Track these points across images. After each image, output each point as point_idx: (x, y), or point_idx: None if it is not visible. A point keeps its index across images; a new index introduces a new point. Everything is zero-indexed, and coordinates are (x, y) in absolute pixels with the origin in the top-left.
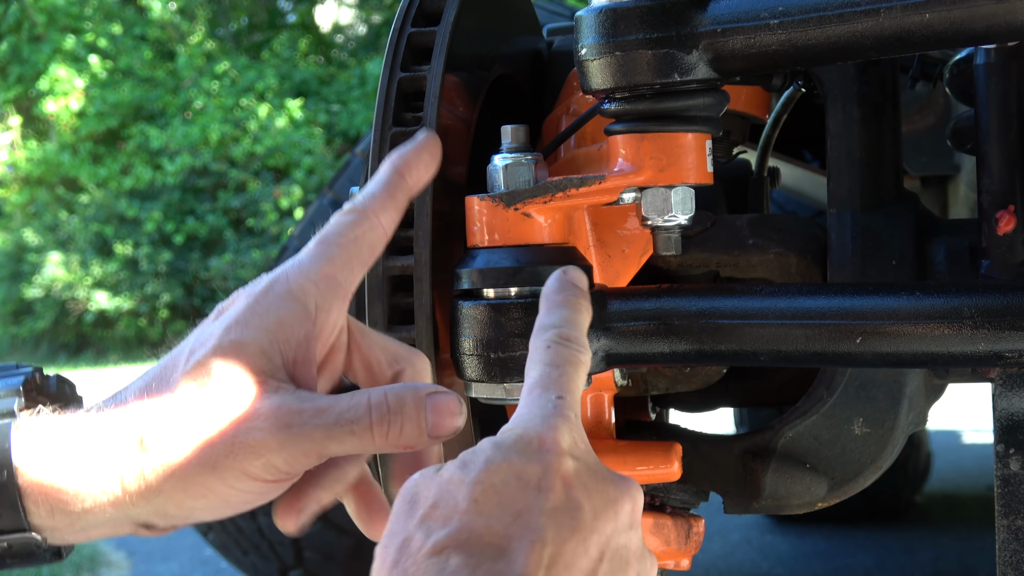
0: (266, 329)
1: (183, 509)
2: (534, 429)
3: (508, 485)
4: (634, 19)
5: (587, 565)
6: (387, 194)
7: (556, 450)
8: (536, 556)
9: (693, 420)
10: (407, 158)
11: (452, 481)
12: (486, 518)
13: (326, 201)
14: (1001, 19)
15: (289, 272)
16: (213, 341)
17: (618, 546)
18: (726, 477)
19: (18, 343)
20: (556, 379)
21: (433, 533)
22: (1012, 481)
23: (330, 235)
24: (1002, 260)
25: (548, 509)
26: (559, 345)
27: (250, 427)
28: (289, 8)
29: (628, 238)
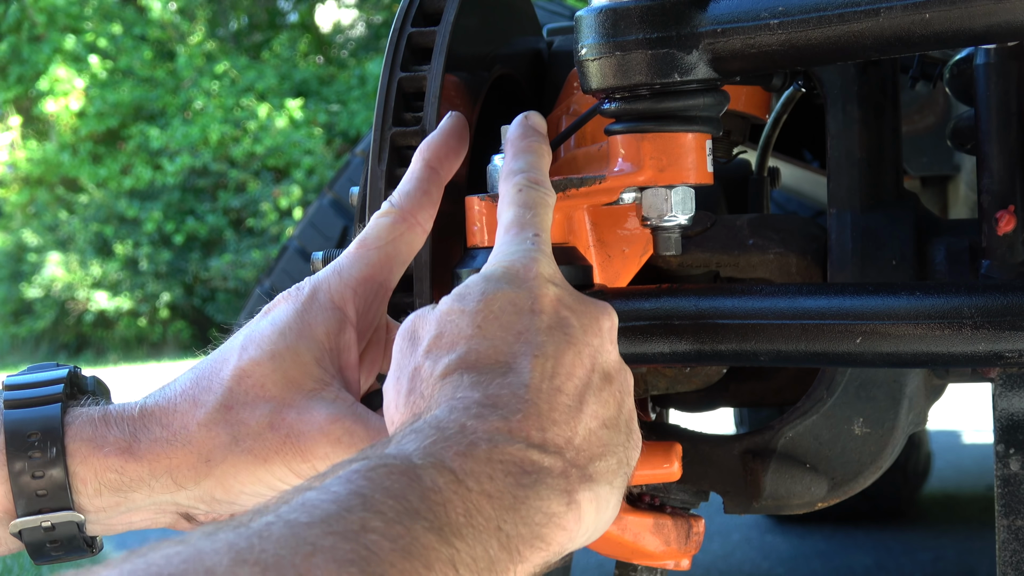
0: (315, 339)
1: (230, 494)
2: (519, 262)
3: (504, 311)
4: (634, 19)
5: (583, 373)
6: (421, 191)
7: (540, 278)
8: (540, 367)
9: (693, 420)
10: (436, 149)
11: (452, 312)
12: (490, 340)
13: (326, 201)
14: (1001, 19)
15: (330, 279)
16: (268, 345)
17: (603, 358)
18: (726, 477)
19: (18, 343)
20: (530, 220)
21: (441, 359)
22: (1012, 481)
23: (369, 239)
24: (1002, 260)
25: (544, 327)
26: (529, 188)
27: (305, 431)
28: (289, 8)
29: (628, 238)
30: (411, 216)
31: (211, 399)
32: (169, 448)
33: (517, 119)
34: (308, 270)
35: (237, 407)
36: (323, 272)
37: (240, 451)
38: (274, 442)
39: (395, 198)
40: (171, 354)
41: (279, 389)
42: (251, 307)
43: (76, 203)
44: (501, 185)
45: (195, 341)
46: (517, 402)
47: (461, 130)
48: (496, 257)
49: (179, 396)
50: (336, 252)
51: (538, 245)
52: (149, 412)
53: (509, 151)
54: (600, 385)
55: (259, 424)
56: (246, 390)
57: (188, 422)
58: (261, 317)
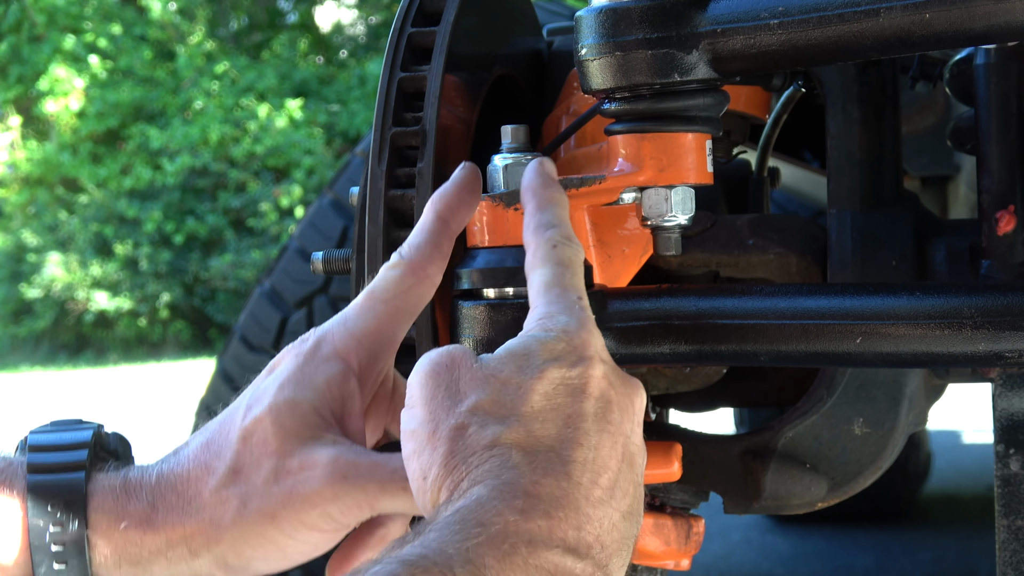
0: (315, 388)
1: (242, 559)
2: (576, 334)
3: (558, 392)
4: (634, 19)
5: (615, 464)
6: (432, 244)
7: (593, 356)
8: (582, 458)
9: (693, 420)
10: (449, 201)
11: (509, 381)
12: (541, 422)
13: (326, 201)
14: (1001, 19)
15: (335, 331)
16: (268, 399)
17: (631, 443)
18: (726, 477)
19: (18, 343)
20: (571, 281)
21: (489, 426)
22: (1012, 481)
23: (377, 291)
24: (1002, 260)
25: (590, 414)
26: (564, 245)
27: (307, 477)
28: (289, 8)
29: (628, 238)
30: (421, 269)
31: (221, 464)
32: (184, 517)
33: (532, 166)
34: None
35: (245, 468)
36: (329, 323)
37: (248, 513)
38: (280, 496)
39: (405, 250)
40: (171, 354)
41: (279, 442)
42: (251, 307)
43: (76, 203)
44: (530, 238)
45: (195, 341)
46: (560, 494)
47: (473, 181)
48: (545, 319)
49: (192, 462)
50: (336, 252)
51: (587, 311)
52: (165, 479)
53: (532, 201)
54: (626, 473)
55: (264, 481)
56: (251, 449)
57: (201, 489)
58: (266, 374)
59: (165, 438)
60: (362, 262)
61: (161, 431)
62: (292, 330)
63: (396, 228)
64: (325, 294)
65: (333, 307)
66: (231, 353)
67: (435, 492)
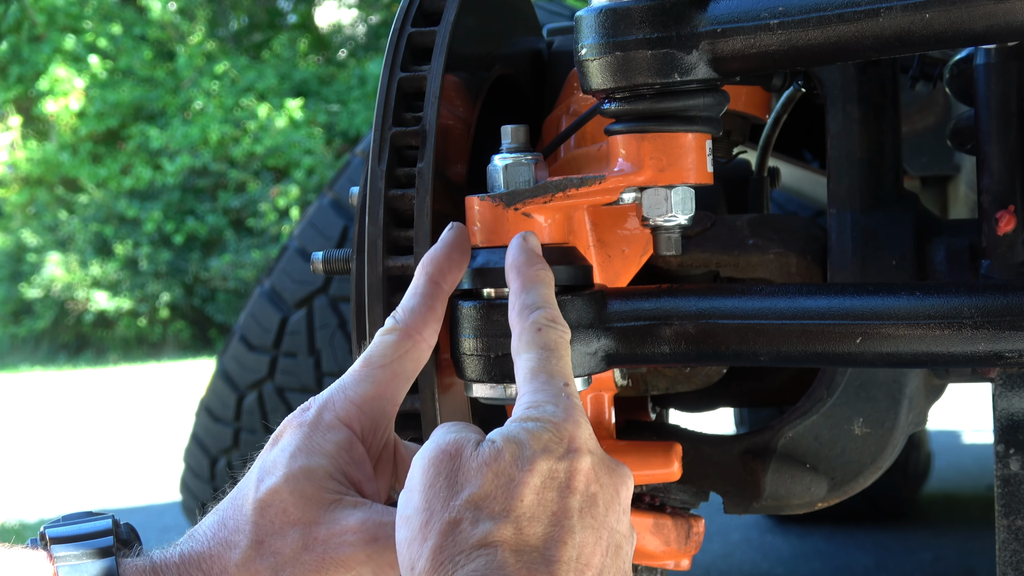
0: (327, 455)
1: None
2: (561, 423)
3: (546, 486)
4: (634, 19)
5: (598, 560)
6: (426, 307)
7: (580, 449)
8: (567, 557)
9: (693, 420)
10: (439, 264)
11: (503, 473)
12: (529, 519)
13: (326, 201)
14: (1001, 19)
15: (335, 399)
16: (282, 469)
17: (617, 533)
18: (726, 477)
19: (18, 343)
20: (556, 366)
21: (481, 523)
22: (1012, 481)
23: (373, 357)
24: (1002, 260)
25: (575, 509)
26: (549, 328)
27: (340, 542)
28: (289, 8)
29: (628, 238)
30: (416, 333)
31: (242, 538)
32: None
33: (516, 242)
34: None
35: (268, 539)
36: (327, 392)
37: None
38: (313, 563)
39: (399, 315)
40: (171, 354)
41: (301, 511)
42: (251, 307)
43: (76, 203)
44: (516, 319)
45: (195, 341)
46: None
47: (463, 242)
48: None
49: (211, 540)
50: (336, 252)
51: (574, 400)
52: (188, 559)
53: (517, 280)
54: (610, 565)
55: (293, 550)
56: (271, 520)
57: (226, 565)
58: (271, 447)
59: (165, 438)
60: (362, 262)
61: (161, 431)
62: (292, 330)
63: (396, 228)
64: (325, 294)
65: (333, 307)
66: (231, 353)
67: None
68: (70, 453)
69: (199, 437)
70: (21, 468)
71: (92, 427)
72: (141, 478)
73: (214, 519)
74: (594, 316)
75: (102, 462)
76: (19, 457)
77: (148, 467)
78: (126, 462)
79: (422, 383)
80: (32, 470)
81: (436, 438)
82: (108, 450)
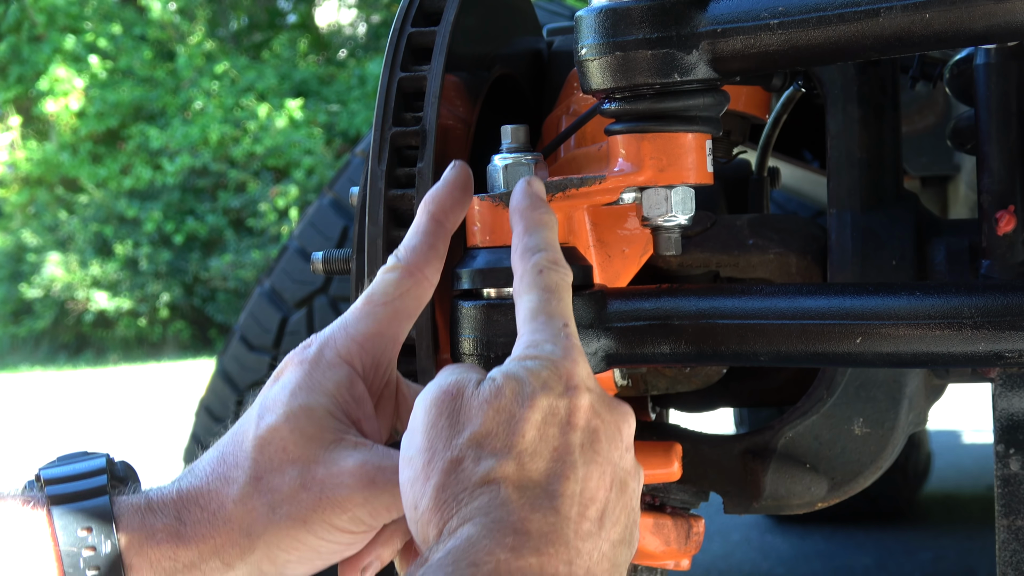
0: (327, 393)
1: (277, 564)
2: (563, 364)
3: (547, 422)
4: (634, 19)
5: (603, 495)
6: (428, 245)
7: (579, 386)
8: (570, 491)
9: (693, 420)
10: (441, 202)
11: (504, 410)
12: (531, 455)
13: (326, 201)
14: (1001, 19)
15: (336, 336)
16: (282, 407)
17: (620, 469)
18: (726, 477)
19: (18, 343)
20: (557, 307)
21: (483, 460)
22: (1012, 481)
23: (375, 294)
24: (1002, 260)
25: (577, 445)
26: (550, 270)
27: (336, 483)
28: (289, 8)
29: (628, 238)
30: (418, 271)
31: (240, 474)
32: (212, 529)
33: (520, 186)
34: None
35: (266, 476)
36: (329, 329)
37: (278, 518)
38: (310, 501)
39: (401, 252)
40: (171, 354)
41: (301, 449)
42: (251, 307)
43: (76, 203)
44: (517, 262)
45: (195, 341)
46: (548, 530)
47: (465, 180)
48: (530, 347)
49: (209, 476)
50: (336, 252)
51: (573, 339)
52: (186, 495)
53: (520, 224)
54: (615, 500)
55: (291, 488)
56: (270, 457)
57: (224, 500)
58: (272, 384)
59: (165, 438)
60: (362, 262)
61: (161, 431)
62: (292, 330)
63: (396, 228)
64: (325, 294)
65: (333, 307)
66: (231, 353)
67: (424, 524)
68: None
69: (199, 437)
70: (21, 468)
71: (92, 427)
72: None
73: (214, 454)
74: (594, 316)
75: None
76: (19, 457)
77: (148, 467)
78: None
79: (422, 382)
80: (32, 470)
81: (438, 379)
82: (108, 450)
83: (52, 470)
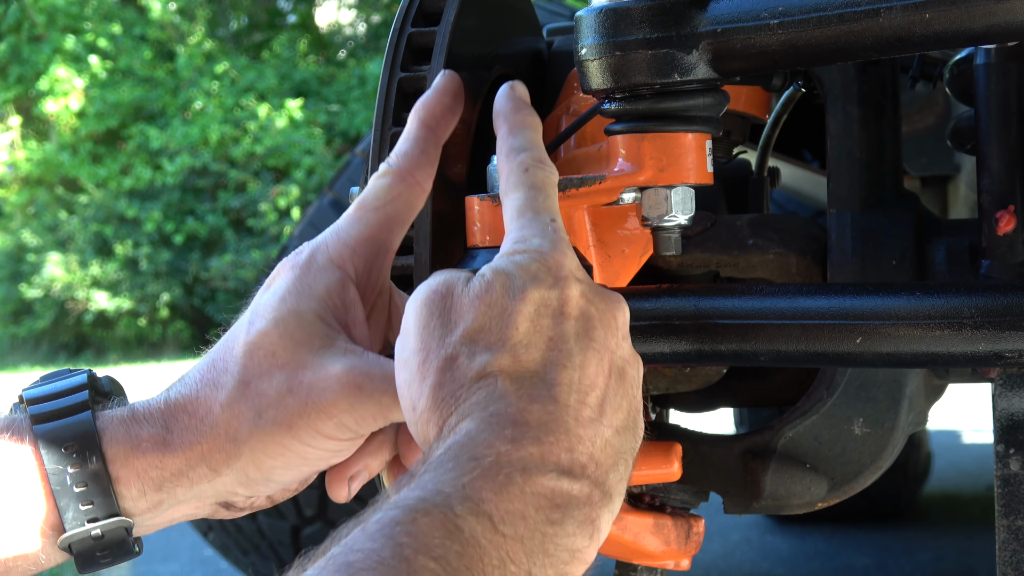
0: (317, 298)
1: (262, 470)
2: (550, 255)
3: (540, 313)
4: (634, 19)
5: (602, 381)
6: (419, 150)
7: (568, 277)
8: (567, 379)
9: (693, 420)
10: (432, 109)
11: (493, 304)
12: (525, 347)
13: (326, 201)
14: (1001, 19)
15: (328, 240)
16: (271, 312)
17: (618, 357)
18: (726, 477)
19: (18, 343)
20: (543, 203)
21: (478, 355)
22: (1012, 481)
23: (367, 199)
24: (1002, 260)
25: (572, 334)
26: (536, 168)
27: (322, 388)
28: (289, 8)
29: (628, 238)
30: (409, 176)
31: (228, 379)
32: (199, 435)
33: (503, 90)
34: None
35: (254, 381)
36: (321, 235)
37: (264, 423)
38: (295, 406)
39: (392, 158)
40: (171, 354)
41: (289, 354)
42: None
43: (76, 203)
44: (503, 162)
45: (195, 341)
46: (548, 419)
47: (456, 88)
48: (518, 243)
49: (199, 383)
50: None
51: (560, 232)
52: (174, 403)
53: (504, 126)
54: (615, 388)
55: (278, 392)
56: (259, 362)
57: (212, 406)
58: (264, 290)
59: None
60: None
61: None
62: None
63: None
64: None
65: None
66: None
67: (424, 424)
68: None
69: None
70: None
71: None
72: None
73: (205, 361)
74: None
75: None
76: None
77: None
78: None
79: None
80: None
81: (427, 282)
82: None
83: (34, 390)
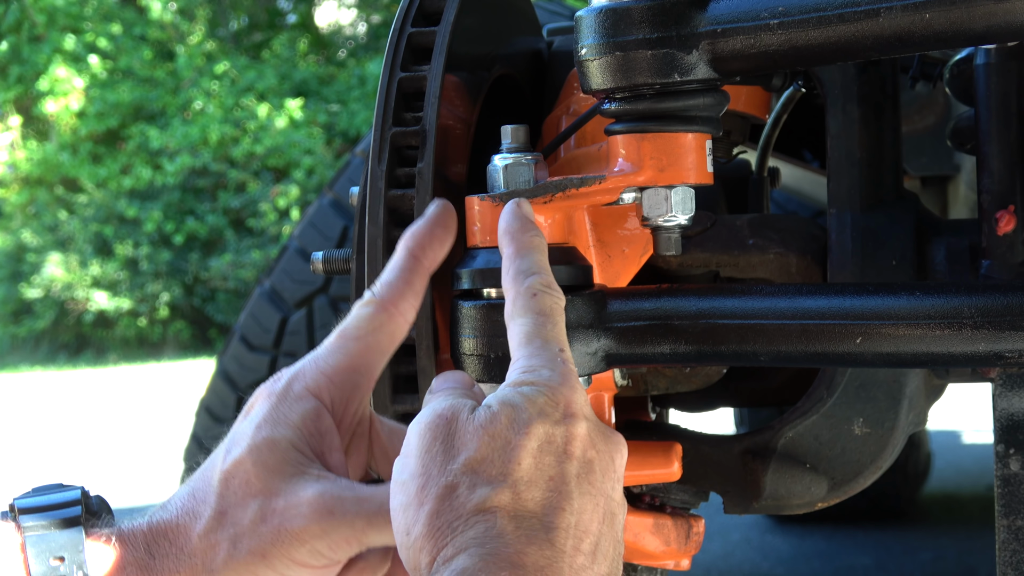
0: (292, 426)
1: None
2: (557, 388)
3: (543, 450)
4: (634, 19)
5: (596, 527)
6: (403, 281)
7: (576, 414)
8: (565, 523)
9: (693, 420)
10: (420, 239)
11: (499, 437)
12: (527, 484)
13: (326, 201)
14: (1001, 19)
15: (306, 369)
16: (247, 440)
17: (612, 502)
18: (726, 477)
19: (18, 343)
20: (552, 332)
21: (478, 488)
22: (1012, 481)
23: (348, 329)
24: (1002, 260)
25: (572, 475)
26: (544, 294)
27: (294, 514)
28: (289, 8)
29: (628, 238)
30: (392, 306)
31: (206, 509)
32: (177, 563)
33: (510, 207)
34: (308, 270)
35: (230, 510)
36: (301, 362)
37: (239, 553)
38: (269, 534)
39: (377, 288)
40: (171, 354)
41: (262, 482)
42: (251, 307)
43: (76, 203)
44: (510, 284)
45: (195, 341)
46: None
47: (447, 218)
48: (529, 373)
49: (180, 510)
50: (336, 252)
51: (569, 365)
52: (156, 528)
53: (511, 246)
54: (607, 533)
55: (252, 521)
56: (234, 491)
57: (190, 535)
58: (242, 418)
59: (165, 438)
60: (362, 262)
61: (161, 431)
62: (292, 330)
63: (396, 228)
64: (325, 294)
65: (333, 307)
66: (231, 353)
67: (416, 551)
68: (70, 453)
69: (199, 437)
70: (21, 468)
71: (92, 427)
72: (141, 478)
73: (186, 490)
74: (594, 316)
75: (102, 462)
76: (19, 457)
77: (148, 467)
78: (126, 462)
79: (422, 382)
80: (32, 470)
81: (432, 404)
82: (108, 450)
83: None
